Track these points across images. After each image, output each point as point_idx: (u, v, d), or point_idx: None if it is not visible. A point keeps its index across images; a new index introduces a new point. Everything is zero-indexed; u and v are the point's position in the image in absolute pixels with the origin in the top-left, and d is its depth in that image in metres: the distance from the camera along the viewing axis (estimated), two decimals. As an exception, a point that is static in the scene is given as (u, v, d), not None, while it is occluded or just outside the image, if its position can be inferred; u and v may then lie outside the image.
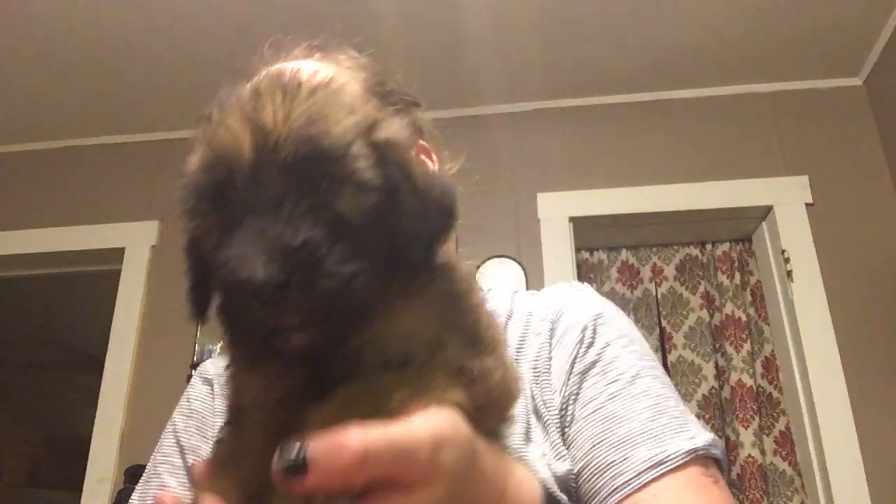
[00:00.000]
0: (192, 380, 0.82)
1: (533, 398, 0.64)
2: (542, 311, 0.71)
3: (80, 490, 2.33)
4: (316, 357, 0.38)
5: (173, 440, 0.77)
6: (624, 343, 0.66)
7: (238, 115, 0.40)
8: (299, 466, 0.32)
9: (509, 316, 0.73)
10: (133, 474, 2.13)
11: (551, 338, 0.68)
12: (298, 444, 0.33)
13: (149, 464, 0.77)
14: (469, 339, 0.45)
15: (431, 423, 0.37)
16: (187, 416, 0.78)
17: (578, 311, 0.69)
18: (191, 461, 0.74)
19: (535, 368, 0.66)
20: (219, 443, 0.45)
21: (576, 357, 0.65)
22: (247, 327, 0.37)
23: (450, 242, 0.44)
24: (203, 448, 0.74)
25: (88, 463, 2.36)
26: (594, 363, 0.64)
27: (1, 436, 5.02)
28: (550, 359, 0.66)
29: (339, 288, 0.35)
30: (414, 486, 0.35)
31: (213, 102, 0.56)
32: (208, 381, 0.79)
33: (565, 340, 0.67)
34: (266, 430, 0.41)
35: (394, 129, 0.41)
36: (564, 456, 0.60)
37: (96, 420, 2.42)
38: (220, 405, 0.76)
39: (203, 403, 0.78)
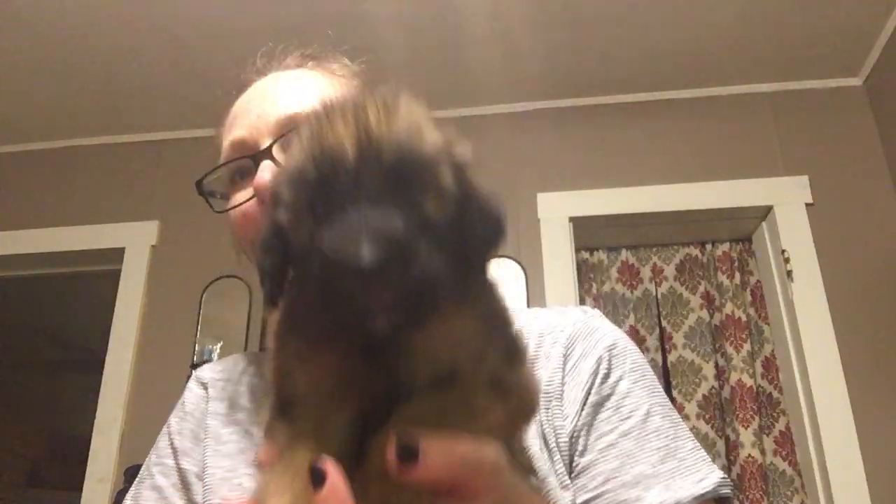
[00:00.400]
0: (189, 383, 0.83)
1: (541, 423, 0.64)
2: (555, 335, 0.71)
3: (80, 490, 2.33)
4: (383, 349, 0.41)
5: (167, 441, 0.78)
6: (636, 377, 0.67)
7: (344, 117, 0.43)
8: (413, 455, 0.37)
9: (524, 336, 0.73)
10: (133, 474, 2.11)
11: (564, 364, 0.68)
12: (415, 436, 0.37)
13: (144, 464, 0.78)
14: (506, 351, 0.48)
15: (495, 449, 0.41)
16: (181, 418, 0.79)
17: (592, 340, 0.70)
18: (183, 463, 0.74)
19: (546, 393, 0.66)
20: (270, 433, 0.47)
21: (591, 388, 0.66)
22: (334, 307, 0.39)
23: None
24: (195, 450, 0.74)
25: (88, 463, 2.36)
26: (609, 396, 0.65)
27: (1, 436, 5.02)
28: (563, 384, 0.67)
29: (428, 277, 0.39)
30: (476, 498, 0.39)
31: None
32: (203, 385, 0.80)
33: (580, 369, 0.67)
34: (319, 421, 0.43)
35: (465, 151, 0.47)
36: (568, 486, 0.62)
37: (96, 420, 2.42)
38: (213, 408, 0.77)
39: (197, 407, 0.78)
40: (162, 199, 2.72)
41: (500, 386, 0.46)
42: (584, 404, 0.65)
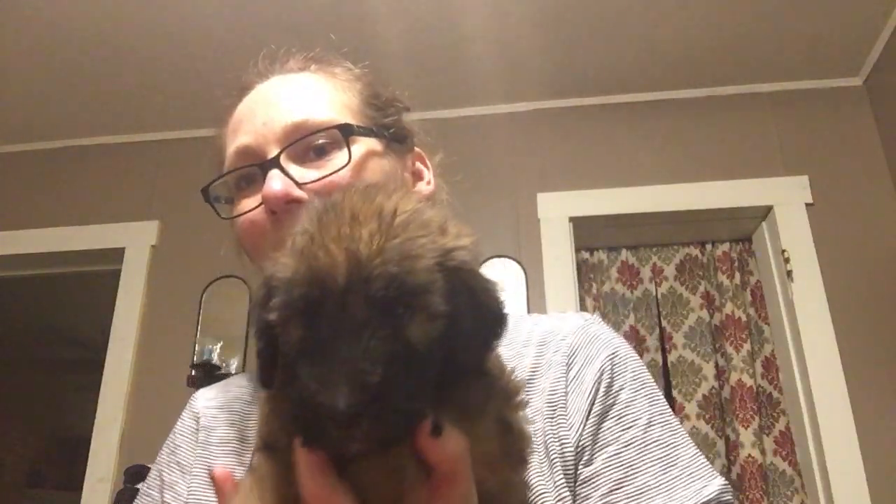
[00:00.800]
0: (184, 412, 0.83)
1: (544, 434, 0.65)
2: (557, 343, 0.71)
3: (80, 490, 2.33)
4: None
5: (157, 473, 0.79)
6: (637, 386, 0.68)
7: (339, 234, 0.44)
8: (439, 431, 0.42)
9: (525, 342, 0.73)
10: (133, 474, 2.13)
11: (567, 373, 0.68)
12: (444, 420, 0.43)
13: (140, 490, 0.79)
14: (506, 394, 0.52)
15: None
16: (171, 451, 0.79)
17: (594, 348, 0.70)
18: (167, 497, 0.75)
19: (550, 403, 0.67)
20: (251, 469, 0.50)
21: (594, 398, 0.66)
22: (310, 426, 0.41)
23: None
24: (180, 484, 0.75)
25: (88, 463, 2.37)
26: (612, 406, 0.66)
27: (1, 436, 5.02)
28: (566, 394, 0.67)
29: (402, 415, 0.42)
30: (454, 485, 0.44)
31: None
32: (195, 417, 0.80)
33: (582, 378, 0.68)
34: (288, 465, 0.45)
35: (466, 252, 0.48)
36: (566, 499, 0.62)
37: (96, 420, 2.42)
38: (203, 438, 0.77)
39: (186, 438, 0.79)
40: (162, 199, 2.72)
41: (501, 421, 0.49)
42: (589, 414, 0.65)
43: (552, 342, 0.71)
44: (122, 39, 2.35)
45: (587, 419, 0.65)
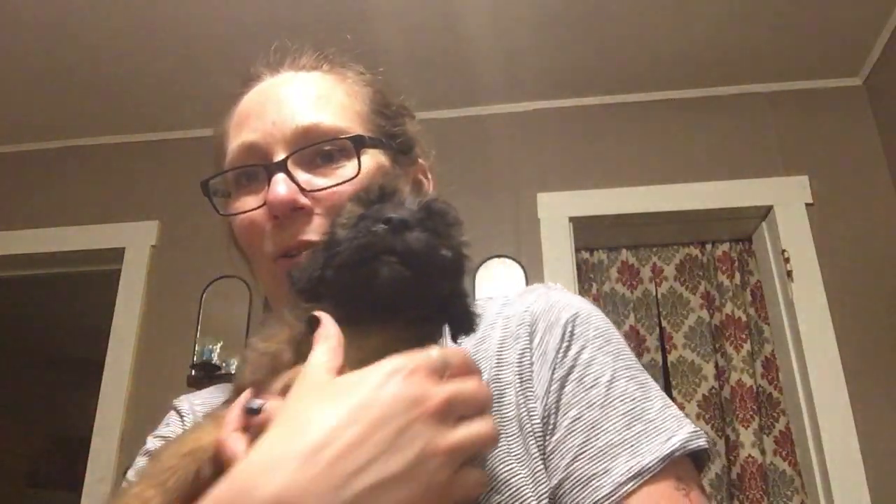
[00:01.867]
0: (169, 413, 0.82)
1: (517, 406, 0.63)
2: (520, 315, 0.69)
3: (80, 490, 2.33)
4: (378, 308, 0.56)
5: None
6: (599, 344, 0.65)
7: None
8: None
9: (492, 324, 0.71)
10: (133, 474, 2.13)
11: (531, 342, 0.66)
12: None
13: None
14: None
15: None
16: (161, 440, 0.78)
17: (554, 313, 0.67)
18: None
19: (520, 375, 0.64)
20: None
21: (555, 363, 0.63)
22: (358, 253, 0.55)
23: None
24: None
25: (88, 463, 2.36)
26: (572, 368, 0.63)
27: (1, 436, 5.02)
28: (532, 364, 0.65)
29: (430, 251, 0.56)
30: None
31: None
32: (180, 415, 0.79)
33: (545, 345, 0.65)
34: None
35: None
36: (540, 472, 0.59)
37: (96, 420, 2.42)
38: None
39: (173, 430, 0.78)
40: (162, 199, 2.71)
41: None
42: (551, 381, 0.62)
43: (515, 315, 0.69)
44: (122, 39, 2.35)
45: (549, 386, 0.62)
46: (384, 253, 0.54)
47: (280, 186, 0.68)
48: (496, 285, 2.35)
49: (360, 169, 0.70)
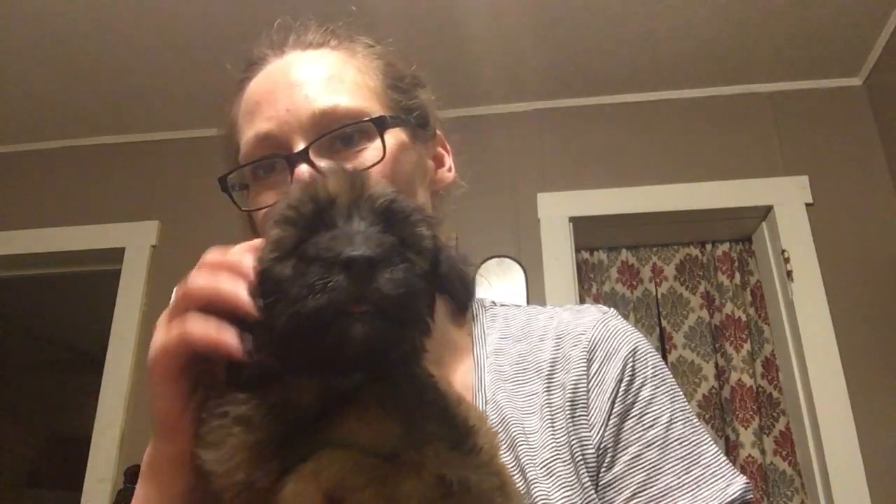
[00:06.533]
0: None
1: (567, 433, 0.63)
2: (575, 336, 0.69)
3: (80, 490, 2.33)
4: (347, 368, 0.44)
5: None
6: (657, 383, 0.66)
7: (337, 175, 0.48)
8: None
9: (541, 337, 0.71)
10: (133, 474, 2.12)
11: (588, 369, 0.66)
12: None
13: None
14: (453, 440, 0.46)
15: None
16: None
17: (614, 343, 0.68)
18: None
19: (572, 401, 0.65)
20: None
21: (615, 397, 0.64)
22: (317, 314, 0.41)
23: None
24: None
25: (88, 463, 2.36)
26: (633, 404, 0.64)
27: (1, 436, 5.02)
28: (588, 391, 0.65)
29: (408, 287, 0.43)
30: None
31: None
32: None
33: (604, 376, 0.66)
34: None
35: (448, 238, 0.55)
36: (593, 502, 0.61)
37: (96, 420, 2.41)
38: None
39: None
40: (162, 199, 2.71)
41: (441, 484, 0.42)
42: (611, 414, 0.64)
43: (570, 335, 0.69)
44: (123, 39, 2.35)
45: (608, 419, 0.63)
46: (351, 303, 0.41)
47: (305, 178, 0.65)
48: (496, 285, 2.35)
49: (384, 152, 0.67)
